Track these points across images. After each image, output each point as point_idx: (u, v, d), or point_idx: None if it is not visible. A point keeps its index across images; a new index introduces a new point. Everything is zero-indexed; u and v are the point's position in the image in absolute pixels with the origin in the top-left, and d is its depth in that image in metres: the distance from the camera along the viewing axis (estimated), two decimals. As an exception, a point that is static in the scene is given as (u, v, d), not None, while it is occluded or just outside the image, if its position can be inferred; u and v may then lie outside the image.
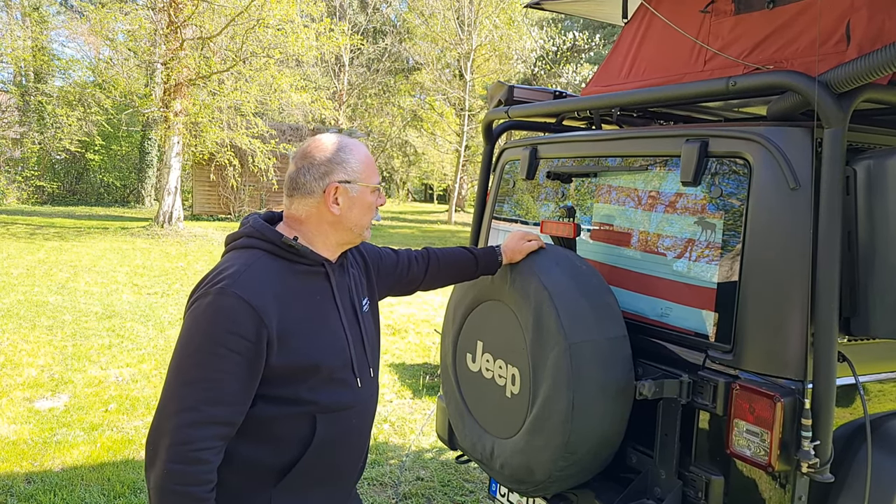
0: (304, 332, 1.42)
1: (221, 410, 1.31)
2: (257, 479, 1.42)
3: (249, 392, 1.35)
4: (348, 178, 1.48)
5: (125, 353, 5.82)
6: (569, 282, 1.98)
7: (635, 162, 2.19)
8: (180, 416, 1.29)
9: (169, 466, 1.27)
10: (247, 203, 20.22)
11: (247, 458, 1.40)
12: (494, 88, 2.95)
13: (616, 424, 1.92)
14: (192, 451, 1.28)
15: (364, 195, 1.51)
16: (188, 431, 1.28)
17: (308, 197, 1.48)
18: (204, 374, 1.31)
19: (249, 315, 1.32)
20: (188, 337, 1.34)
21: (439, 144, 27.49)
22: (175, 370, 1.33)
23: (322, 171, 1.47)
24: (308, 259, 1.48)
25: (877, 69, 1.57)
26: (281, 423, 1.41)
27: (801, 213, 1.70)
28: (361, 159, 1.51)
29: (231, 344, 1.31)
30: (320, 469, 1.47)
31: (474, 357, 2.26)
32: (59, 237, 13.74)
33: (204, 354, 1.31)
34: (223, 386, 1.31)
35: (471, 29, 22.52)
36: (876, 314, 1.69)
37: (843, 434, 1.78)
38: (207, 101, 15.25)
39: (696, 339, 1.90)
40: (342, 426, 1.49)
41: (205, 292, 1.36)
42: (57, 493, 3.37)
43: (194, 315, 1.35)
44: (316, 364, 1.42)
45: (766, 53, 2.11)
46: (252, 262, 1.41)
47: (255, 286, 1.36)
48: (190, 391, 1.30)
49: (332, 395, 1.46)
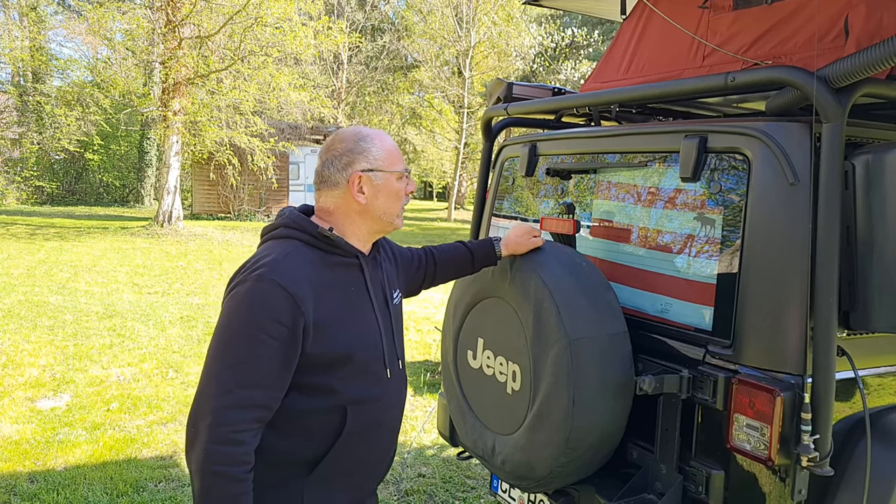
0: (338, 321, 1.45)
1: (259, 393, 1.35)
2: (290, 470, 1.46)
3: (286, 377, 1.39)
4: (371, 167, 1.51)
5: (126, 353, 5.83)
6: (569, 278, 1.98)
7: (634, 158, 2.19)
8: (219, 398, 1.32)
9: (209, 447, 1.31)
10: (246, 202, 20.21)
11: (281, 450, 1.44)
12: (493, 86, 2.95)
13: (616, 420, 1.93)
14: (231, 433, 1.32)
15: (389, 182, 1.54)
16: (227, 413, 1.32)
17: (334, 189, 1.52)
18: (242, 358, 1.34)
19: (287, 301, 1.36)
20: (227, 322, 1.38)
21: (438, 142, 27.48)
22: (214, 354, 1.37)
23: (344, 161, 1.50)
24: (343, 250, 1.51)
25: (875, 64, 1.58)
26: (313, 416, 1.45)
27: (800, 208, 1.71)
28: (384, 147, 1.54)
29: (269, 329, 1.34)
30: (350, 460, 1.51)
31: (475, 354, 2.27)
32: (59, 237, 13.74)
33: (242, 339, 1.35)
34: (260, 370, 1.34)
35: (469, 26, 22.49)
36: (875, 308, 1.69)
37: (843, 428, 1.79)
38: (206, 100, 15.24)
39: (695, 335, 1.91)
40: (371, 418, 1.52)
41: (243, 279, 1.39)
42: (60, 493, 3.38)
43: (233, 301, 1.39)
44: (349, 353, 1.46)
45: (765, 49, 2.12)
46: (289, 251, 1.44)
47: (292, 274, 1.39)
48: (228, 374, 1.34)
49: (363, 386, 1.49)
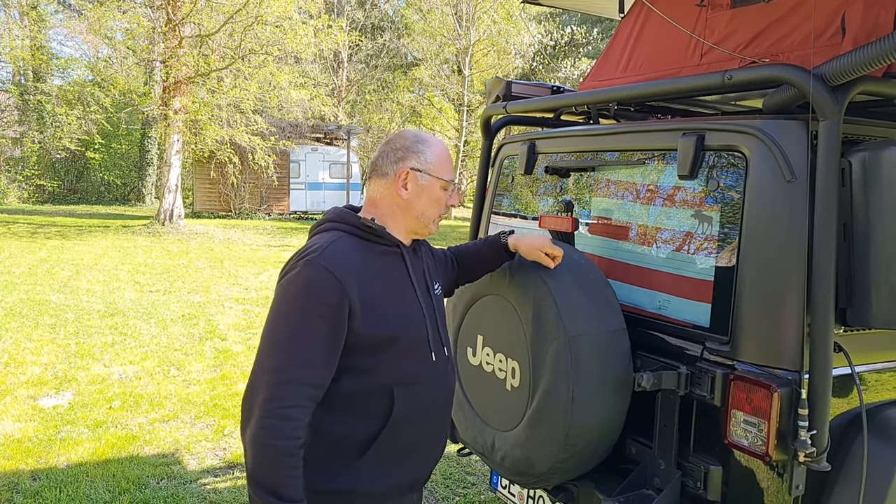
0: (383, 304, 1.51)
1: (309, 371, 1.42)
2: (344, 452, 1.52)
3: (334, 356, 1.45)
4: (420, 167, 1.59)
5: (128, 351, 5.85)
6: (568, 276, 1.99)
7: (633, 156, 2.20)
8: (272, 375, 1.40)
9: (262, 421, 1.37)
10: (247, 200, 20.23)
11: (334, 432, 1.50)
12: (492, 84, 2.96)
13: (615, 416, 1.94)
14: (283, 408, 1.38)
15: (433, 187, 1.61)
16: (280, 389, 1.39)
17: (382, 178, 1.60)
18: (291, 337, 1.42)
19: (332, 283, 1.43)
20: (278, 305, 1.46)
21: (439, 140, 27.41)
22: (267, 335, 1.45)
23: (399, 156, 1.59)
24: (385, 239, 1.58)
25: (871, 61, 1.58)
26: (362, 397, 1.51)
27: (798, 205, 1.72)
28: (437, 153, 1.62)
29: (316, 309, 1.42)
30: (402, 442, 1.56)
31: (475, 351, 2.28)
32: (60, 236, 13.76)
33: (291, 320, 1.43)
34: (308, 348, 1.42)
35: (469, 24, 22.47)
36: (871, 304, 1.70)
37: (840, 423, 1.80)
38: (207, 99, 15.26)
39: (693, 331, 1.92)
40: (419, 399, 1.57)
41: (293, 265, 1.49)
42: (62, 490, 3.39)
43: (284, 286, 1.47)
44: (395, 335, 1.52)
45: (763, 47, 2.13)
46: (335, 239, 1.53)
47: (337, 258, 1.47)
48: (280, 353, 1.42)
49: (409, 367, 1.56)
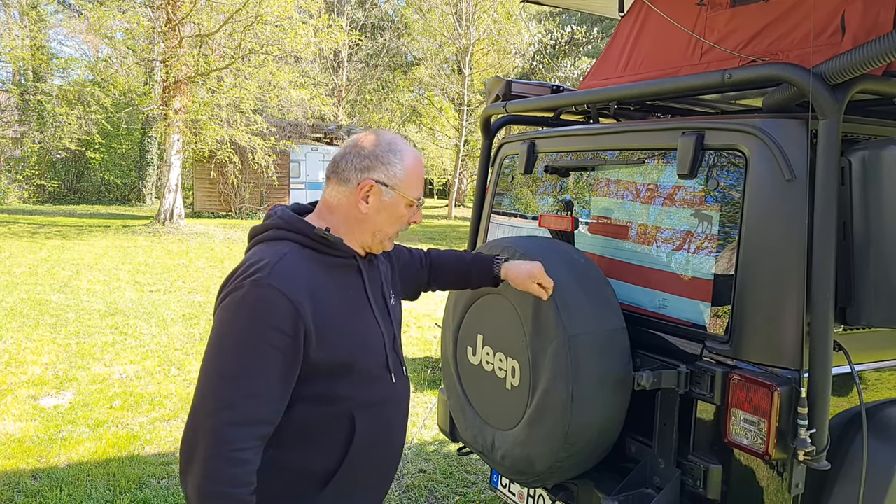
0: (339, 327, 1.36)
1: (261, 408, 1.26)
2: (302, 486, 1.38)
3: (288, 388, 1.30)
4: (386, 181, 1.41)
5: (129, 351, 5.85)
6: (567, 275, 1.99)
7: (632, 155, 2.20)
8: (219, 414, 1.23)
9: (209, 467, 1.21)
10: (247, 200, 20.23)
11: (290, 465, 1.35)
12: (492, 83, 2.96)
13: (615, 415, 1.95)
14: (233, 452, 1.22)
15: (397, 205, 1.44)
16: (228, 430, 1.22)
17: (343, 185, 1.42)
18: (241, 371, 1.25)
19: (286, 308, 1.26)
20: (223, 332, 1.28)
21: (438, 139, 27.48)
22: (210, 367, 1.27)
23: (365, 164, 1.41)
24: (340, 251, 1.42)
25: (871, 60, 1.58)
26: (320, 426, 1.37)
27: (797, 204, 1.72)
28: (409, 166, 1.44)
29: (269, 338, 1.25)
30: (363, 469, 1.44)
31: (475, 350, 2.28)
32: (60, 236, 13.76)
33: (241, 350, 1.25)
34: (262, 382, 1.25)
35: (469, 23, 22.46)
36: (871, 303, 1.70)
37: (840, 422, 1.80)
38: (207, 99, 15.26)
39: (693, 330, 1.92)
40: (380, 423, 1.45)
41: (237, 285, 1.29)
42: (63, 489, 3.40)
43: (228, 309, 1.28)
44: (352, 360, 1.38)
45: (762, 46, 2.13)
46: (284, 252, 1.35)
47: (289, 278, 1.30)
48: (228, 389, 1.24)
49: (369, 392, 1.42)
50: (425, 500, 3.45)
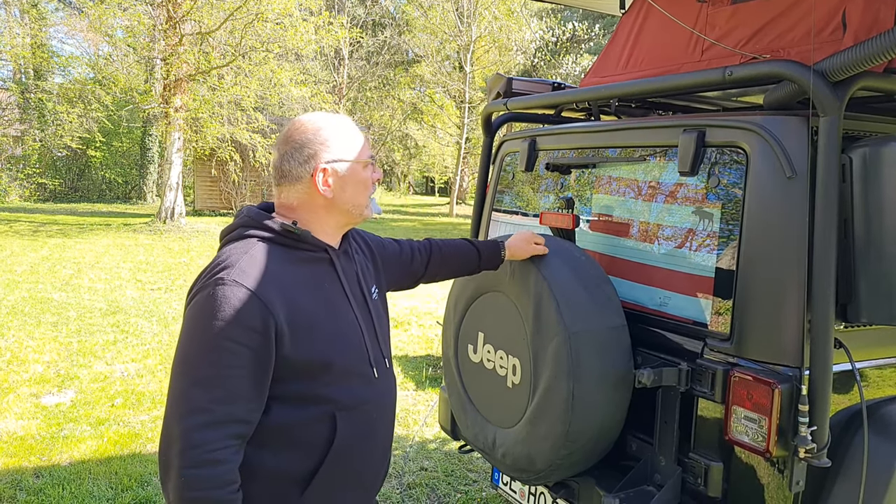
0: (314, 323, 1.34)
1: (235, 408, 1.24)
2: (283, 489, 1.35)
3: (262, 388, 1.28)
4: (334, 157, 1.39)
5: (130, 349, 5.86)
6: (568, 272, 1.99)
7: (633, 153, 2.20)
8: (191, 417, 1.20)
9: (185, 473, 1.18)
10: (248, 198, 20.24)
11: (270, 468, 1.33)
12: (493, 80, 2.95)
13: (616, 413, 1.95)
14: (208, 454, 1.20)
15: (355, 172, 1.42)
16: (201, 433, 1.20)
17: (296, 184, 1.39)
18: (212, 371, 1.23)
19: (253, 304, 1.24)
20: (191, 334, 1.27)
21: (440, 137, 27.45)
22: (180, 370, 1.25)
23: (305, 154, 1.38)
24: (310, 244, 1.40)
25: (872, 57, 1.58)
26: (300, 428, 1.34)
27: (798, 201, 1.72)
28: (346, 135, 1.42)
29: (237, 336, 1.23)
30: (345, 472, 1.40)
31: (476, 348, 2.28)
32: (62, 234, 13.77)
33: (209, 350, 1.23)
34: (232, 382, 1.23)
35: (470, 20, 22.43)
36: (872, 301, 1.70)
37: (840, 420, 1.80)
38: (207, 97, 15.24)
39: (694, 328, 1.92)
40: (363, 422, 1.41)
41: (203, 285, 1.28)
42: (65, 487, 3.40)
43: (195, 310, 1.27)
44: (330, 358, 1.35)
45: (763, 43, 2.12)
46: (249, 249, 1.33)
47: (255, 274, 1.28)
48: (198, 391, 1.22)
49: (350, 390, 1.39)
50: (427, 498, 3.45)
